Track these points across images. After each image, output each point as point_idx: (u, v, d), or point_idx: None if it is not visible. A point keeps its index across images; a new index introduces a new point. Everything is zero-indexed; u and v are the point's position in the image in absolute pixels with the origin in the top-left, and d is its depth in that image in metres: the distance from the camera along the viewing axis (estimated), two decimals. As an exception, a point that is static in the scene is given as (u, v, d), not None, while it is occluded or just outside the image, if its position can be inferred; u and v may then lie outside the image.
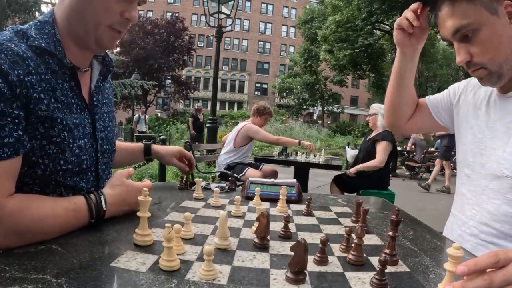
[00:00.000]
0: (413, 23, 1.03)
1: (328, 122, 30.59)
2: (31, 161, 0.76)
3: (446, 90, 1.26)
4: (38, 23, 0.84)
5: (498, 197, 0.95)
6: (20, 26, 0.82)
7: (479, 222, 0.99)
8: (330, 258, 0.70)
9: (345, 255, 0.72)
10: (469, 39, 0.90)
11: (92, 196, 0.81)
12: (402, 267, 0.69)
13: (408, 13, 1.05)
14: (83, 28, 0.83)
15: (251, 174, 3.56)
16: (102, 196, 0.82)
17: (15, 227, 0.68)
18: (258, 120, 3.96)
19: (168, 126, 17.47)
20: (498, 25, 0.87)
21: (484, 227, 0.97)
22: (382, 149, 3.58)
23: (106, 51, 0.99)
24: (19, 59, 0.73)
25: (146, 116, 13.76)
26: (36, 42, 0.79)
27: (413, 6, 1.05)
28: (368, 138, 3.92)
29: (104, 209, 0.81)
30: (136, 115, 13.24)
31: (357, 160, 3.94)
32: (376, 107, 3.94)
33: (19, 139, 0.72)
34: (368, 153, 3.71)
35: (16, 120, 0.71)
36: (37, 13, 10.21)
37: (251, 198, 1.13)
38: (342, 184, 3.72)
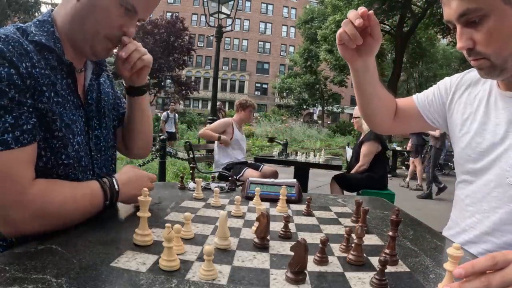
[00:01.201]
0: (355, 41, 0.88)
1: (328, 122, 30.60)
2: None
3: (435, 86, 1.15)
4: (37, 22, 0.86)
5: (501, 205, 0.89)
6: (20, 24, 0.85)
7: (480, 231, 0.94)
8: (330, 258, 0.70)
9: (345, 255, 0.72)
10: (475, 25, 0.80)
11: (104, 180, 0.86)
12: (402, 267, 0.69)
13: (347, 27, 0.87)
14: (82, 34, 0.86)
15: (250, 175, 3.55)
16: (113, 178, 0.89)
17: (40, 211, 0.72)
18: (243, 114, 3.99)
19: (168, 126, 17.44)
20: (510, 16, 0.78)
21: (486, 237, 0.92)
22: (363, 152, 3.63)
23: None
24: (24, 51, 0.75)
25: (176, 115, 11.21)
26: (36, 38, 0.81)
27: (352, 14, 0.86)
28: (358, 142, 3.94)
29: (117, 189, 0.87)
30: (164, 113, 10.85)
31: (351, 164, 3.96)
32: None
33: (35, 125, 0.75)
34: (358, 156, 3.74)
35: (31, 109, 0.75)
36: (36, 14, 10.22)
37: (251, 198, 1.13)
38: (343, 182, 3.72)
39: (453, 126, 1.08)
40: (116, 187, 0.87)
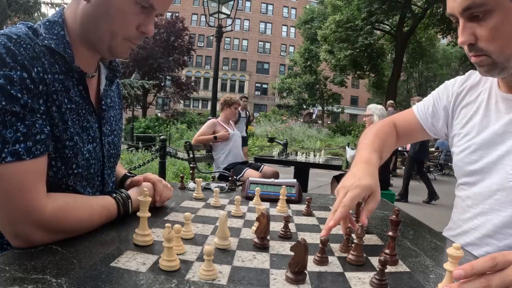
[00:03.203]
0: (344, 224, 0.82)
1: (328, 122, 30.62)
2: None
3: (434, 95, 1.13)
4: (47, 23, 0.80)
5: (504, 208, 0.88)
6: (30, 23, 0.80)
7: (482, 233, 0.92)
8: (330, 258, 0.70)
9: (345, 255, 0.72)
10: (478, 20, 0.78)
11: (121, 200, 0.85)
12: (402, 267, 0.69)
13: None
14: (98, 36, 0.80)
15: (250, 175, 3.55)
16: (130, 201, 0.88)
17: (54, 230, 0.70)
18: (228, 111, 4.00)
19: (168, 126, 17.49)
20: None
21: (488, 239, 0.91)
22: None
23: None
24: (36, 55, 0.71)
25: (248, 113, 7.72)
26: (46, 41, 0.76)
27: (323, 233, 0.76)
28: None
29: (130, 211, 0.87)
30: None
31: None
32: (372, 107, 4.00)
33: (48, 135, 0.72)
34: None
35: (44, 116, 0.71)
36: (36, 14, 10.21)
37: (251, 198, 1.13)
38: None
39: (452, 130, 1.08)
40: (130, 210, 0.87)
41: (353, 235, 0.71)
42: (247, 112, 7.53)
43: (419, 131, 1.17)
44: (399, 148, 9.85)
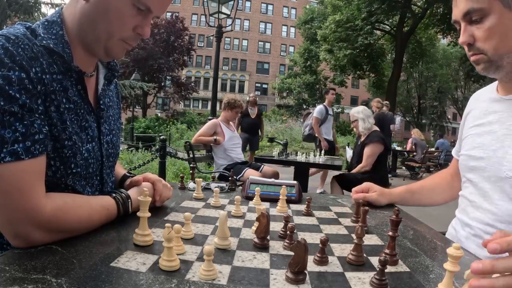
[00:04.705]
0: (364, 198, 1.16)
1: (328, 122, 30.53)
2: None
3: (459, 130, 1.23)
4: (46, 23, 0.81)
5: (502, 198, 0.94)
6: (28, 23, 0.80)
7: (483, 223, 0.98)
8: (330, 258, 0.70)
9: (345, 255, 0.72)
10: (476, 23, 0.91)
11: (121, 199, 0.85)
12: (402, 267, 0.69)
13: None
14: (94, 36, 0.81)
15: (250, 175, 3.55)
16: (129, 200, 0.87)
17: (54, 229, 0.70)
18: (229, 113, 3.98)
19: (168, 126, 17.49)
20: (507, 18, 0.87)
21: (489, 228, 0.96)
22: (367, 153, 3.61)
23: None
24: (34, 55, 0.72)
25: (334, 110, 6.64)
26: (44, 42, 0.76)
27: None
28: (359, 142, 3.92)
29: (130, 211, 0.87)
30: (320, 107, 5.98)
31: (352, 165, 3.95)
32: (354, 113, 3.84)
33: (47, 135, 0.72)
34: (360, 157, 3.73)
35: (42, 116, 0.72)
36: (36, 14, 10.21)
37: (251, 198, 1.13)
38: (343, 182, 3.72)
39: (462, 135, 1.16)
40: (130, 210, 0.87)
41: (353, 235, 0.71)
42: (334, 110, 6.43)
43: None
44: (399, 148, 9.84)
